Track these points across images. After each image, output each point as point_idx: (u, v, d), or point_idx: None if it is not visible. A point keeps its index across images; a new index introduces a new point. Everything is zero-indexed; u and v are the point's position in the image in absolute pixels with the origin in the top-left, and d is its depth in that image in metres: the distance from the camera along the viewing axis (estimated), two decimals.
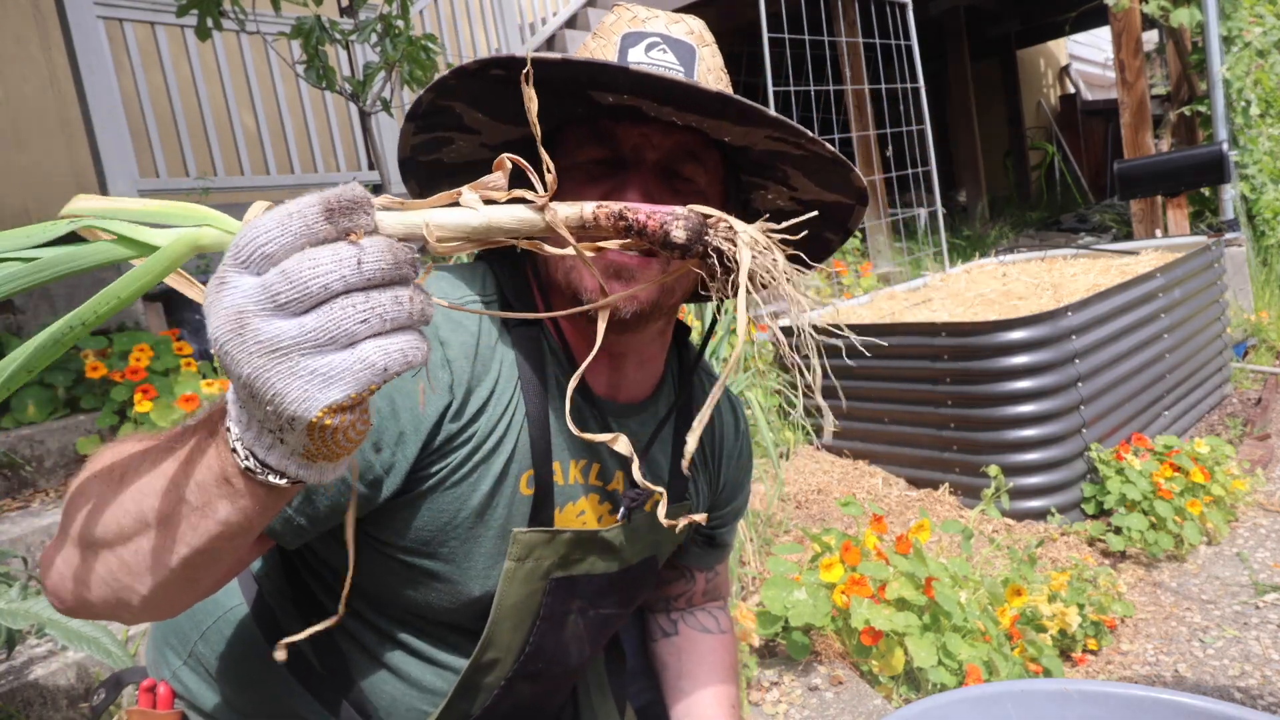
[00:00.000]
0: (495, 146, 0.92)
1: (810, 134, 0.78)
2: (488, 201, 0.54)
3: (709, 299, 1.12)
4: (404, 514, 0.84)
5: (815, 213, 0.71)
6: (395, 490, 0.81)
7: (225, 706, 0.96)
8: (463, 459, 0.84)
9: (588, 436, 0.62)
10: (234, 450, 0.52)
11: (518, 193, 0.54)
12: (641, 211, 0.55)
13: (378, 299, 0.46)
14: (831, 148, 0.80)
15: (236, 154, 4.30)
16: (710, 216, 0.56)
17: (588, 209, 0.55)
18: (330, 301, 0.45)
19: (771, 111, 0.76)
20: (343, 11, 4.23)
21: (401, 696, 0.93)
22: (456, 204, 0.53)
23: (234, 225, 0.51)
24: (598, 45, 0.89)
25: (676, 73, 0.86)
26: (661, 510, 0.59)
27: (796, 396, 3.32)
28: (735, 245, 0.56)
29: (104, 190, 3.79)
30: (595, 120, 0.86)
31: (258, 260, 0.45)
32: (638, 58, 0.85)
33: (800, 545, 2.33)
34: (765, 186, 0.95)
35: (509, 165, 0.54)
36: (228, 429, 0.52)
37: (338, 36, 3.31)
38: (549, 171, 0.54)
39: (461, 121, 0.86)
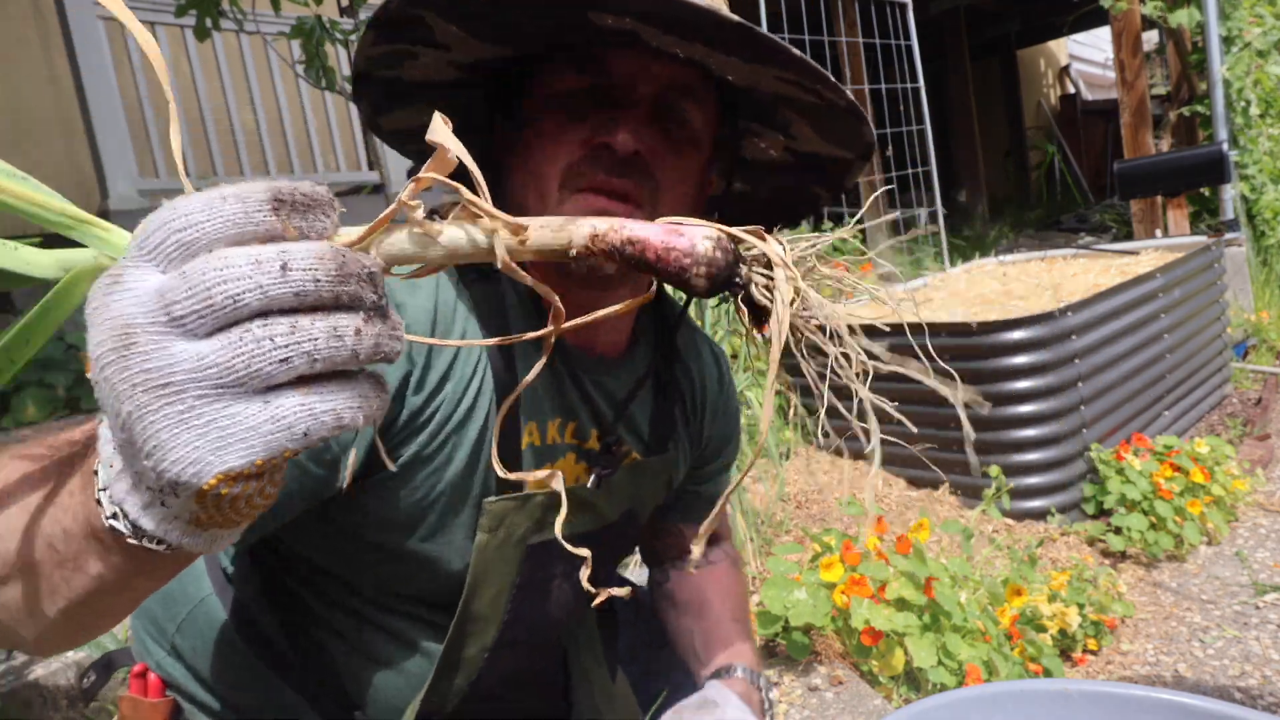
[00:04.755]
0: (466, 65, 0.82)
1: (830, 79, 0.72)
2: (431, 213, 0.43)
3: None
4: (378, 497, 0.80)
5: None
6: (358, 472, 0.75)
7: (212, 697, 0.94)
8: (431, 434, 0.79)
9: (516, 476, 0.51)
10: (99, 502, 0.40)
11: (494, 216, 0.42)
12: (651, 246, 0.43)
13: (307, 329, 0.34)
14: (849, 95, 0.73)
15: (236, 154, 4.30)
16: (741, 257, 0.45)
17: (579, 234, 0.43)
18: (241, 325, 0.33)
19: (796, 52, 0.68)
20: (343, 11, 4.22)
21: (383, 683, 0.90)
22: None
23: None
24: None
25: None
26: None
27: (796, 396, 3.32)
28: (771, 298, 0.45)
29: (104, 191, 3.79)
30: (584, 46, 0.78)
31: (170, 249, 0.34)
32: None
33: (800, 545, 2.33)
34: (760, 134, 0.88)
35: (450, 159, 0.40)
36: (95, 472, 0.40)
37: (338, 36, 3.31)
38: (484, 189, 0.42)
39: (432, 35, 0.77)
